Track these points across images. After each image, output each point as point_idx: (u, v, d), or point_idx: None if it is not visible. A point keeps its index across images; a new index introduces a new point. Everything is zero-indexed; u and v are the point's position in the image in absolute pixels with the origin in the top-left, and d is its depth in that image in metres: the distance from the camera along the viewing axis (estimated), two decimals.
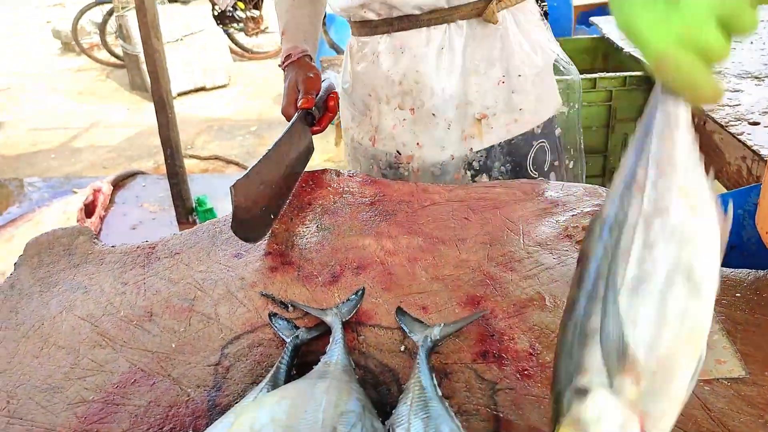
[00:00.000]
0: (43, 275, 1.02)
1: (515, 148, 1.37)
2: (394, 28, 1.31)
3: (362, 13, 1.33)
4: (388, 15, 1.30)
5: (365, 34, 1.38)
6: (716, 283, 0.52)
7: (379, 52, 1.35)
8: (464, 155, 1.37)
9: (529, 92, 1.35)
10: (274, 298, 0.93)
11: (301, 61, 1.34)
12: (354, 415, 0.60)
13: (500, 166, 1.38)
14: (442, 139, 1.36)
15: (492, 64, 1.31)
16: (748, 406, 0.71)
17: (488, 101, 1.33)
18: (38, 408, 0.76)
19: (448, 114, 1.34)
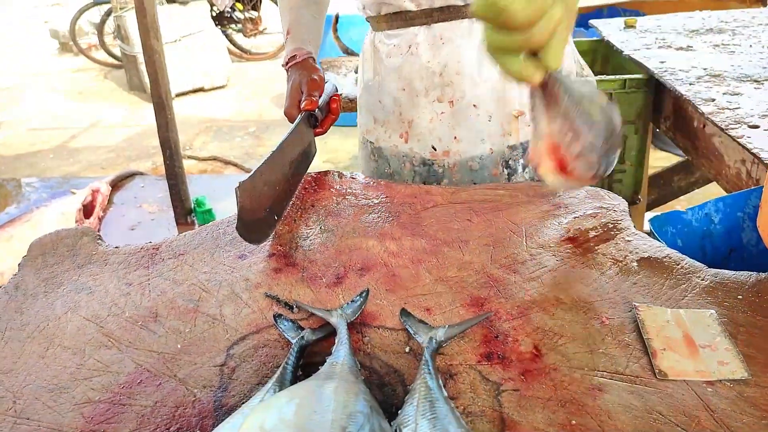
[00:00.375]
0: (47, 276, 1.02)
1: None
2: (434, 19, 1.31)
3: (400, 3, 1.32)
4: (429, 5, 1.30)
5: (398, 27, 1.36)
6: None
7: (417, 44, 1.34)
8: (503, 151, 1.37)
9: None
10: (278, 299, 0.93)
11: (306, 63, 1.34)
12: (362, 415, 0.60)
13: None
14: (481, 131, 1.36)
15: None
16: (751, 408, 0.71)
17: (525, 98, 1.33)
18: (45, 408, 0.77)
19: (489, 106, 1.34)
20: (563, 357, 0.80)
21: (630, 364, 0.78)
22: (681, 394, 0.74)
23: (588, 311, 0.88)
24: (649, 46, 2.28)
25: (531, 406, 0.73)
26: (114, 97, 6.69)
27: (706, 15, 2.68)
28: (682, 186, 2.77)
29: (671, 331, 0.82)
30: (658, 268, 0.96)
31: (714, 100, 1.70)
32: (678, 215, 1.32)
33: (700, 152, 1.74)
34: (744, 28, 2.43)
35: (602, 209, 1.12)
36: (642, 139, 2.21)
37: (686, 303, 0.88)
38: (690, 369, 0.77)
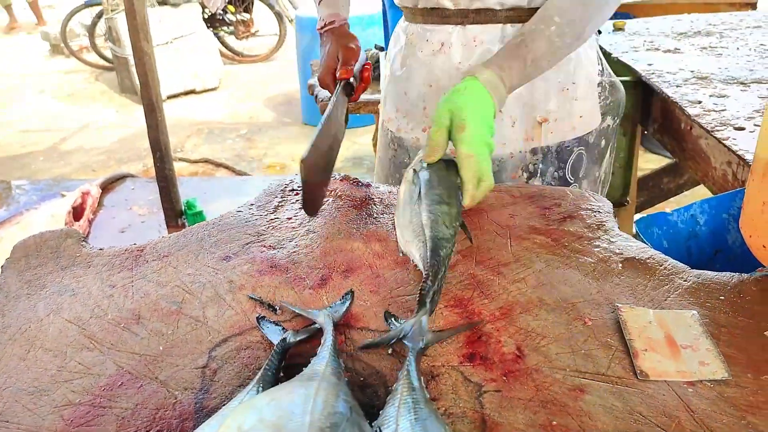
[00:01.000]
0: (30, 278, 1.02)
1: (564, 153, 1.40)
2: (469, 20, 1.31)
3: (439, 0, 1.32)
4: (466, 6, 1.30)
5: (432, 22, 1.36)
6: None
7: (451, 43, 1.34)
8: (523, 156, 1.39)
9: (588, 101, 1.39)
10: (261, 300, 0.93)
11: (343, 30, 1.36)
12: (342, 416, 0.60)
13: (554, 171, 1.40)
14: (504, 135, 1.37)
15: (559, 69, 1.33)
16: (731, 408, 0.72)
17: (551, 106, 1.36)
18: (24, 411, 0.76)
19: (514, 112, 1.36)
20: (545, 358, 0.80)
21: (612, 365, 0.79)
22: (662, 394, 0.74)
23: (571, 312, 0.88)
24: (637, 48, 2.29)
25: (512, 407, 0.73)
26: (105, 99, 6.67)
27: (695, 18, 2.69)
28: (671, 188, 2.77)
29: (653, 331, 0.83)
30: (642, 269, 0.96)
31: (701, 103, 1.71)
32: (664, 217, 1.33)
33: (687, 154, 1.75)
34: (731, 30, 2.44)
35: (587, 210, 1.12)
36: (630, 142, 2.22)
37: (669, 304, 0.89)
38: (671, 370, 0.77)
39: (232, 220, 1.15)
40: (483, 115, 1.07)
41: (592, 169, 1.46)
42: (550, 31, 1.12)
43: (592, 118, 1.41)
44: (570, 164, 1.41)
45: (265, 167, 4.84)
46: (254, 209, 1.19)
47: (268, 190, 1.25)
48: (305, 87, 4.81)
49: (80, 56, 7.62)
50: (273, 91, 6.66)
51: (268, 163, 4.91)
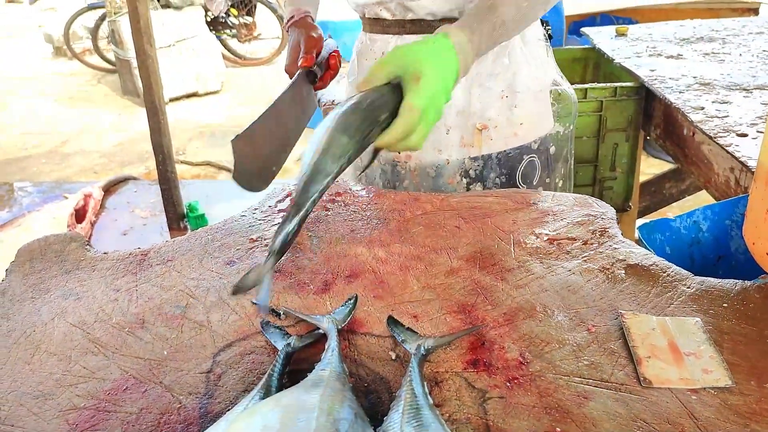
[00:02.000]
0: (34, 281, 1.02)
1: (509, 160, 1.40)
2: (406, 30, 1.34)
3: (377, 11, 1.36)
4: (402, 16, 1.34)
5: (377, 32, 1.41)
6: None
7: (388, 51, 1.36)
8: (461, 162, 1.40)
9: (530, 108, 1.39)
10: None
11: (303, 21, 1.38)
12: (346, 422, 0.60)
13: (495, 177, 1.41)
14: (439, 142, 1.39)
15: (497, 77, 1.35)
16: (734, 415, 0.72)
17: (490, 113, 1.37)
18: (29, 415, 0.76)
19: (448, 120, 1.37)
20: (549, 364, 0.80)
21: (615, 372, 0.79)
22: (665, 401, 0.74)
23: (574, 318, 0.88)
24: (639, 54, 2.30)
25: (516, 414, 0.73)
26: (107, 101, 6.68)
27: (697, 23, 2.70)
28: (673, 193, 2.78)
29: (656, 338, 0.83)
30: (645, 275, 0.96)
31: (703, 109, 1.71)
32: (666, 223, 1.33)
33: (690, 160, 1.75)
34: (734, 36, 2.45)
35: (590, 216, 1.12)
36: (632, 147, 2.22)
37: (672, 311, 0.89)
38: (674, 377, 0.77)
39: (236, 225, 1.16)
40: (443, 77, 1.01)
41: (545, 175, 1.46)
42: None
43: (536, 125, 1.42)
44: (520, 172, 1.41)
45: None
46: (258, 214, 1.19)
47: (272, 194, 1.25)
48: None
49: (83, 59, 7.64)
50: (275, 94, 6.61)
51: None
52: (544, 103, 1.43)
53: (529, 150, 1.41)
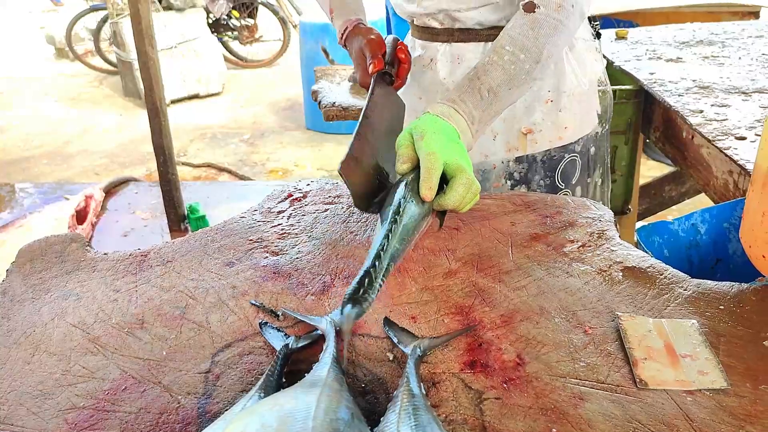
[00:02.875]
0: (35, 282, 1.03)
1: (552, 161, 1.42)
2: (455, 38, 1.37)
3: (426, 20, 1.39)
4: (450, 26, 1.37)
5: (426, 39, 1.44)
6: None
7: (437, 60, 1.41)
8: (506, 165, 1.42)
9: (575, 111, 1.41)
10: (264, 306, 0.94)
11: (357, 29, 1.38)
12: (343, 422, 0.61)
13: (540, 179, 1.43)
14: (486, 147, 1.42)
15: (542, 82, 1.36)
16: (730, 417, 0.72)
17: (535, 117, 1.39)
18: (29, 414, 0.77)
19: (495, 126, 1.39)
20: (546, 366, 0.81)
21: (611, 374, 0.79)
22: (661, 403, 0.74)
23: (571, 320, 0.88)
24: (639, 57, 2.30)
25: (512, 415, 0.74)
26: (109, 103, 6.69)
27: (697, 27, 2.70)
28: (672, 196, 2.78)
29: (653, 340, 0.83)
30: (642, 278, 0.97)
31: (702, 112, 1.72)
32: (665, 225, 1.34)
33: (689, 163, 1.76)
34: (733, 40, 2.45)
35: (588, 219, 1.13)
36: (632, 150, 2.22)
37: (668, 313, 0.89)
38: (670, 378, 0.78)
39: (236, 226, 1.16)
40: (444, 132, 1.04)
41: (585, 175, 1.47)
42: (504, 61, 1.13)
43: (579, 128, 1.43)
44: (560, 171, 1.42)
45: (267, 172, 4.85)
46: (257, 215, 1.20)
47: (272, 196, 1.26)
48: (308, 92, 4.83)
49: (85, 60, 7.65)
50: (276, 96, 6.68)
51: (271, 168, 4.92)
52: (589, 105, 1.44)
53: (568, 150, 1.43)
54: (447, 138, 1.04)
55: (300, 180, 1.32)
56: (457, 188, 0.99)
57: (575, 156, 1.44)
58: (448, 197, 0.99)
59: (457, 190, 0.99)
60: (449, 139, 1.04)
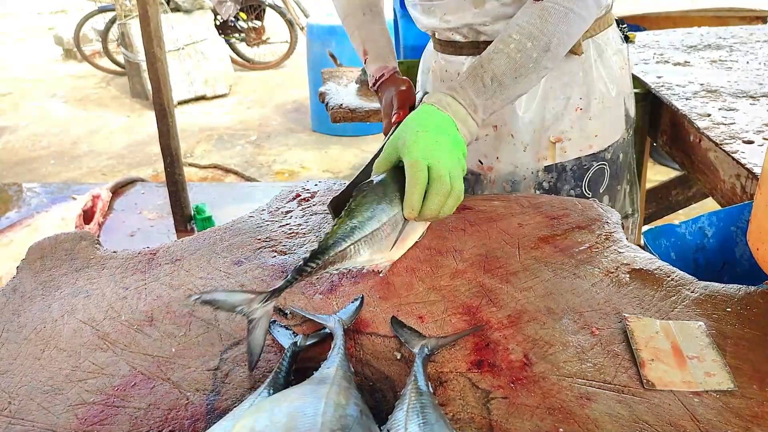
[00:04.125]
0: (45, 279, 1.03)
1: (581, 169, 1.42)
2: (480, 51, 1.31)
3: (449, 35, 1.39)
4: (474, 38, 1.36)
5: (450, 53, 1.43)
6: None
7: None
8: (535, 176, 1.42)
9: (605, 119, 1.40)
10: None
11: (393, 78, 1.39)
12: (352, 419, 0.61)
13: (569, 189, 1.43)
14: (516, 158, 1.42)
15: (571, 90, 1.36)
16: (736, 418, 0.72)
17: (564, 126, 1.38)
18: (39, 409, 0.78)
19: (525, 138, 1.39)
20: (553, 366, 0.81)
21: (618, 374, 0.79)
22: (668, 404, 0.75)
23: (578, 321, 0.89)
24: (647, 61, 2.30)
25: (519, 414, 0.74)
26: (116, 104, 6.72)
27: (705, 31, 2.70)
28: (679, 200, 2.77)
29: (660, 342, 0.83)
30: (649, 279, 0.97)
31: (710, 116, 1.71)
32: (672, 228, 1.33)
33: (696, 167, 1.76)
34: (741, 44, 2.45)
35: (595, 221, 1.13)
36: (639, 153, 2.22)
37: (675, 315, 0.89)
38: (677, 380, 0.78)
39: (244, 226, 1.17)
40: (429, 128, 1.04)
41: (613, 183, 1.47)
42: (509, 49, 1.12)
43: (609, 135, 1.43)
44: (588, 179, 1.42)
45: (273, 174, 4.87)
46: (265, 215, 1.20)
47: (280, 196, 1.26)
48: (315, 94, 4.84)
49: (93, 61, 7.69)
50: (283, 98, 6.70)
51: (277, 169, 4.94)
52: (618, 111, 1.44)
53: (598, 158, 1.43)
54: (433, 135, 1.03)
55: (308, 181, 1.33)
56: (432, 198, 0.99)
57: (604, 164, 1.43)
58: (425, 208, 0.99)
59: (433, 200, 0.99)
60: (435, 136, 1.03)
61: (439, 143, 1.02)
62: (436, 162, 1.00)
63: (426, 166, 0.99)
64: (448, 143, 1.04)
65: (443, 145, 1.03)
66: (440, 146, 1.02)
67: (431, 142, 1.02)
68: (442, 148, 1.02)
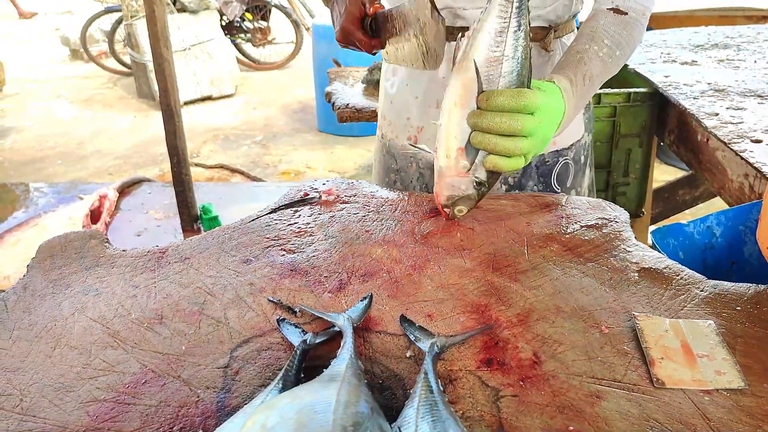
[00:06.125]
0: (55, 277, 1.04)
1: (546, 166, 1.41)
2: (454, 37, 1.31)
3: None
4: (451, 23, 1.31)
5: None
6: None
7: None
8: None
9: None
10: (281, 303, 0.95)
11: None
12: (363, 416, 0.62)
13: (533, 185, 1.42)
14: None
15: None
16: (747, 417, 0.72)
17: None
18: (51, 406, 0.78)
19: None
20: (562, 364, 0.81)
21: (628, 373, 0.79)
22: (678, 402, 0.75)
23: (587, 320, 0.89)
24: (654, 60, 2.30)
25: (529, 412, 0.74)
26: (122, 104, 6.74)
27: (712, 30, 2.70)
28: (686, 200, 2.77)
29: (669, 340, 0.83)
30: (658, 278, 0.97)
31: (717, 115, 1.71)
32: (680, 228, 1.33)
33: (704, 166, 1.75)
34: (749, 43, 2.44)
35: (604, 220, 1.13)
36: (646, 153, 2.22)
37: (685, 313, 0.89)
38: (687, 378, 0.78)
39: (252, 225, 1.17)
40: (552, 109, 1.03)
41: (579, 179, 1.47)
42: (603, 53, 1.13)
43: (571, 134, 1.43)
44: (555, 174, 1.42)
45: (279, 174, 4.87)
46: (274, 214, 1.21)
47: (288, 195, 1.27)
48: (321, 95, 4.84)
49: (99, 61, 7.71)
50: (289, 98, 6.71)
51: (283, 169, 4.94)
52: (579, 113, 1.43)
53: (562, 155, 1.42)
54: (554, 123, 1.04)
55: (315, 180, 1.33)
56: (519, 92, 0.96)
57: (568, 160, 1.43)
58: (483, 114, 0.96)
59: (497, 98, 0.95)
60: (554, 124, 1.04)
61: (551, 126, 1.03)
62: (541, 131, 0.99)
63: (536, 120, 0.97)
64: (552, 130, 1.04)
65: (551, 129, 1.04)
66: (549, 128, 1.03)
67: (547, 123, 1.01)
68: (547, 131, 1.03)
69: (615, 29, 1.16)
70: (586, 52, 1.13)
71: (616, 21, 1.16)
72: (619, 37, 1.15)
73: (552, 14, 1.31)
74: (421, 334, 0.86)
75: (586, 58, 1.13)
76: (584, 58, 1.13)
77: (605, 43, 1.14)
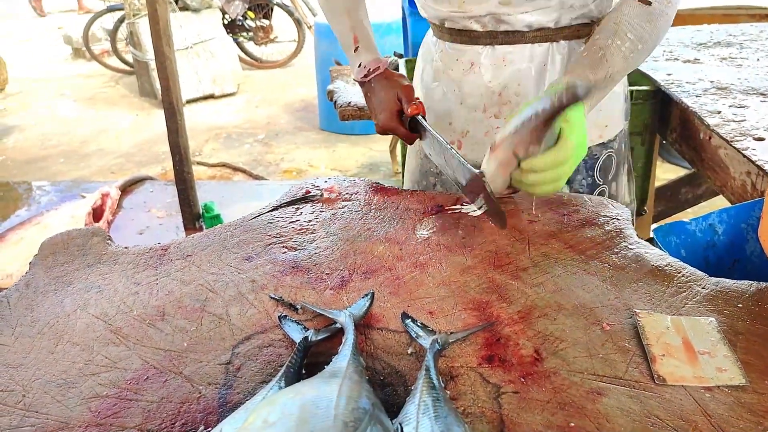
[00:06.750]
0: (57, 274, 1.04)
1: (592, 159, 1.41)
2: (498, 41, 1.32)
3: (466, 23, 1.33)
4: (494, 28, 1.31)
5: (462, 42, 1.37)
6: None
7: (481, 63, 1.35)
8: None
9: (614, 110, 1.40)
10: (283, 300, 0.95)
11: (389, 73, 1.36)
12: (365, 412, 0.62)
13: (582, 179, 1.41)
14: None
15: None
16: (748, 413, 0.72)
17: None
18: (53, 402, 0.78)
19: None
20: (563, 361, 0.81)
21: (629, 369, 0.79)
22: (679, 399, 0.75)
23: (589, 317, 0.89)
24: (656, 58, 2.29)
25: (530, 408, 0.74)
26: (125, 103, 6.74)
27: (714, 28, 2.69)
28: (689, 198, 2.77)
29: (671, 337, 0.83)
30: (660, 275, 0.97)
31: (720, 113, 1.71)
32: (682, 225, 1.33)
33: (706, 164, 1.75)
34: (752, 41, 2.44)
35: (606, 217, 1.13)
36: (648, 151, 2.22)
37: (686, 310, 0.89)
38: (689, 375, 0.78)
39: (254, 222, 1.17)
40: (581, 135, 1.03)
41: (620, 170, 1.47)
42: (625, 47, 1.12)
43: (616, 125, 1.42)
44: (599, 166, 1.41)
45: (281, 172, 4.87)
46: (275, 211, 1.21)
47: (290, 193, 1.27)
48: (323, 93, 4.84)
49: (101, 60, 7.71)
50: (291, 96, 6.71)
51: (285, 168, 4.94)
52: (620, 102, 1.43)
53: (607, 147, 1.42)
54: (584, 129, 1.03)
55: (317, 177, 1.33)
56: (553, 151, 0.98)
57: (612, 152, 1.43)
58: (538, 159, 0.98)
59: (548, 156, 0.98)
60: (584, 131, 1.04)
61: (584, 136, 1.03)
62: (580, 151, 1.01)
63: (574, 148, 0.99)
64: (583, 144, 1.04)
65: (585, 138, 1.04)
66: (584, 138, 1.03)
67: (583, 133, 1.02)
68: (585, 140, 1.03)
69: (638, 21, 1.14)
70: (608, 48, 1.12)
71: (641, 12, 1.14)
72: (642, 30, 1.14)
73: (595, 11, 1.30)
74: (423, 330, 0.86)
75: (608, 55, 1.12)
76: (606, 55, 1.12)
77: (628, 37, 1.13)
